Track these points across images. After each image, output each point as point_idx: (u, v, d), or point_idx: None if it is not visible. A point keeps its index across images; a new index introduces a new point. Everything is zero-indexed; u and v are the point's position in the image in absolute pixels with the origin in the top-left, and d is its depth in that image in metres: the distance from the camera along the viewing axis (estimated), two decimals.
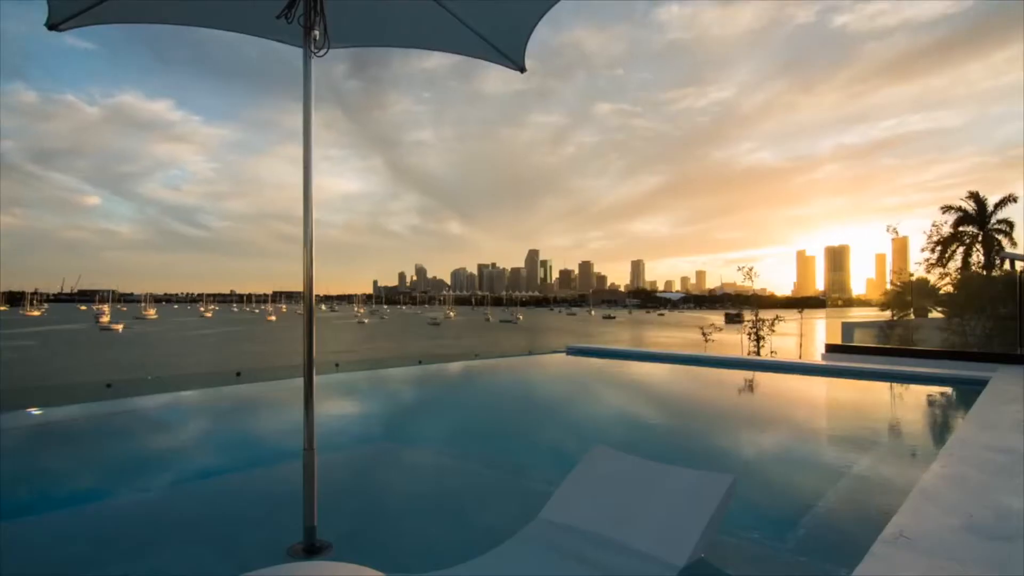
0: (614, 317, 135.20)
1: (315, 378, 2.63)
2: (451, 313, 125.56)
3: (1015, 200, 27.19)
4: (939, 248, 27.00)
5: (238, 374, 8.10)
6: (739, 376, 9.78)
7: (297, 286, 2.75)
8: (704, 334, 20.69)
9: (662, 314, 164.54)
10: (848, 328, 12.73)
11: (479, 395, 8.50)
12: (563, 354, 11.96)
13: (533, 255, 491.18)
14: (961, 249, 28.08)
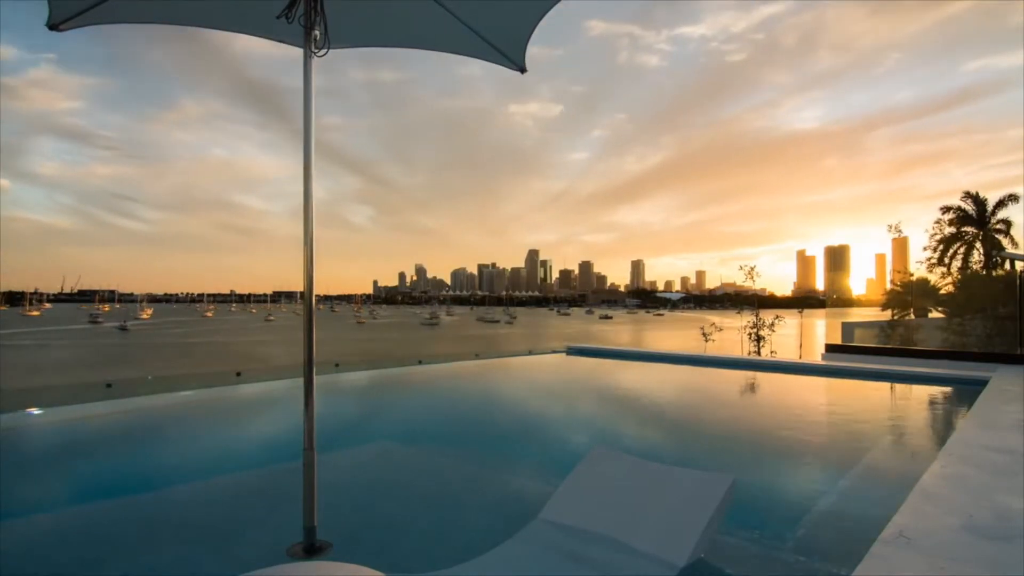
0: (611, 317, 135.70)
1: (315, 378, 2.63)
2: (442, 313, 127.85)
3: (1016, 199, 27.17)
4: (941, 248, 27.02)
5: (238, 374, 8.10)
6: (739, 376, 9.78)
7: (297, 286, 2.75)
8: (704, 334, 20.70)
9: (660, 314, 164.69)
10: (848, 328, 12.75)
11: (479, 395, 8.50)
12: (563, 354, 11.97)
13: (533, 255, 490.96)
14: (962, 249, 28.08)
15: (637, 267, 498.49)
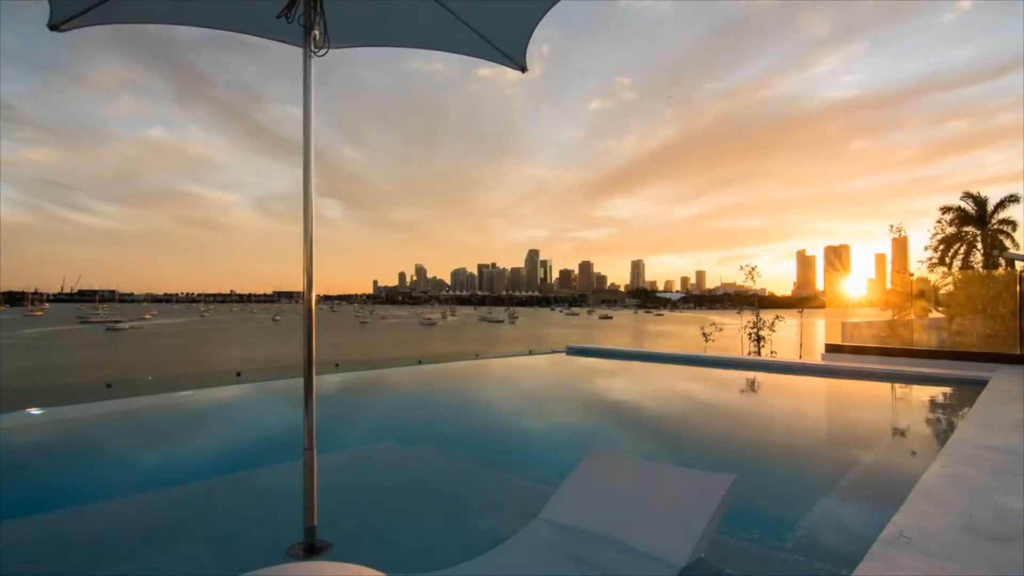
0: (611, 317, 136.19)
1: (315, 378, 2.63)
2: (449, 314, 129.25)
3: (1016, 200, 27.19)
4: (941, 248, 27.05)
5: (238, 374, 8.11)
6: (739, 376, 9.78)
7: (297, 286, 2.74)
8: (704, 335, 20.72)
9: (660, 314, 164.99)
10: (848, 328, 12.75)
11: (479, 395, 8.50)
12: (563, 354, 11.97)
13: (533, 255, 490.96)
14: (963, 249, 28.10)
15: (637, 267, 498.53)
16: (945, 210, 28.71)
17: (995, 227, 27.99)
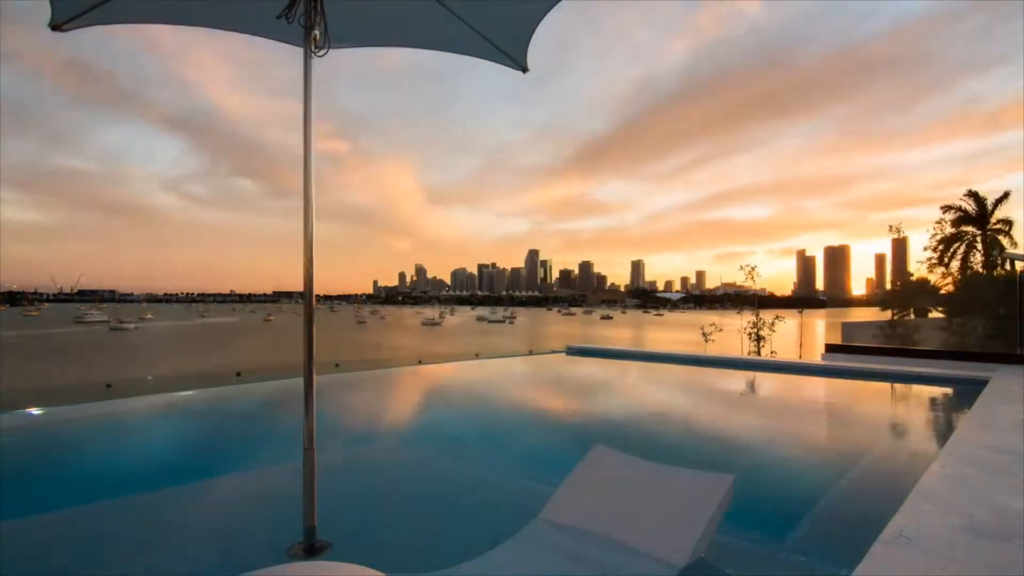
0: (611, 317, 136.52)
1: (315, 378, 2.63)
2: (439, 313, 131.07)
3: (1007, 196, 27.22)
4: (941, 248, 27.03)
5: (238, 374, 8.10)
6: (739, 376, 9.78)
7: (297, 286, 2.75)
8: (704, 335, 20.72)
9: (660, 314, 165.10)
10: (848, 328, 12.76)
11: (479, 395, 8.50)
12: (563, 354, 11.97)
13: (533, 255, 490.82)
14: (962, 249, 28.06)
15: (637, 267, 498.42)
16: (946, 209, 28.71)
17: (995, 227, 27.97)
